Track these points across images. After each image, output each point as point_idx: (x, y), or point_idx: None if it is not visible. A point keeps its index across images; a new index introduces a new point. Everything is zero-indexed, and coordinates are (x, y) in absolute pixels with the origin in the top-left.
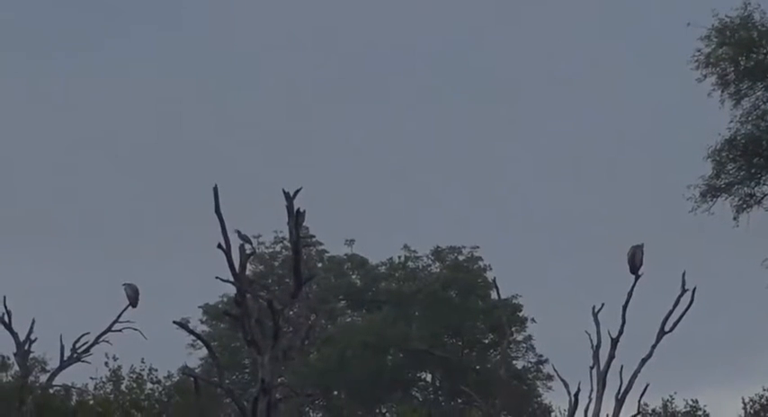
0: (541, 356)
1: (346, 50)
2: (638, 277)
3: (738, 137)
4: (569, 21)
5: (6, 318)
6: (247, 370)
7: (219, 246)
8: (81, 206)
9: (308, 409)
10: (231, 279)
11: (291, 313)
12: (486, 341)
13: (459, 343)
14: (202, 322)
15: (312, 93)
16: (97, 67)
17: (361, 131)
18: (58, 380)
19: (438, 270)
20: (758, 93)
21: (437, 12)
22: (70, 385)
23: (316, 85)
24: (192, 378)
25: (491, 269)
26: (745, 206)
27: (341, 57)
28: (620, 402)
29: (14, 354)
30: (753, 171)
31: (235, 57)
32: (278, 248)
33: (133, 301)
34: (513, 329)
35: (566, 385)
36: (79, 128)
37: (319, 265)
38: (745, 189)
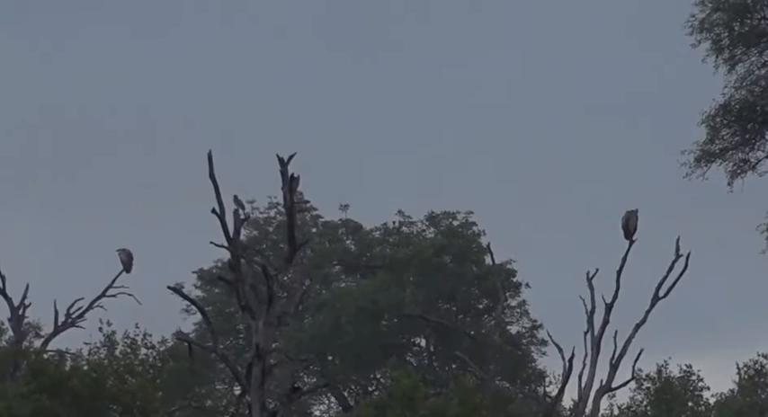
0: (536, 321)
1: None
2: (632, 242)
3: (732, 103)
4: None
5: (0, 283)
6: (242, 335)
7: (214, 211)
8: (74, 170)
9: (302, 374)
10: (225, 244)
11: (286, 278)
12: (481, 307)
13: (454, 309)
14: (196, 287)
15: (307, 56)
16: (99, 23)
17: (354, 95)
18: (52, 345)
19: (432, 235)
20: (752, 59)
21: None
22: (64, 350)
23: (310, 48)
24: (186, 343)
25: (485, 234)
26: (739, 171)
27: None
28: (614, 367)
29: (8, 319)
30: (747, 136)
31: (233, 22)
32: (272, 213)
33: (127, 266)
34: (508, 294)
35: (560, 350)
36: (73, 88)
37: (313, 230)
38: (740, 154)
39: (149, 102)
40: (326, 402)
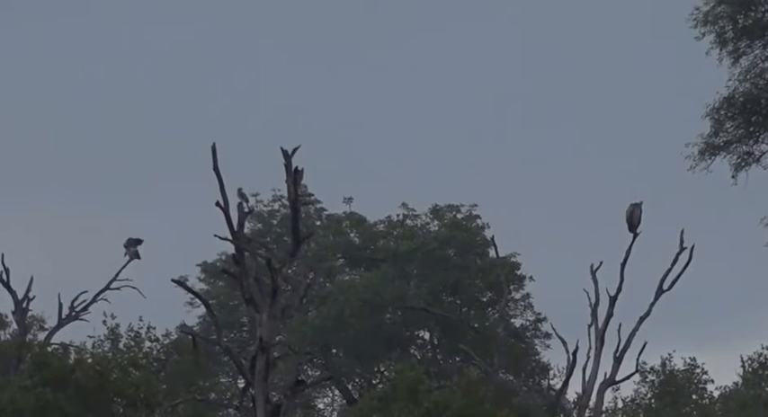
0: (540, 314)
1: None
2: (636, 235)
3: (737, 96)
4: None
5: (4, 276)
6: (246, 329)
7: (218, 204)
8: (79, 162)
9: (306, 367)
10: (230, 237)
11: (290, 271)
12: (485, 300)
13: (458, 301)
14: (201, 280)
15: (313, 48)
16: (95, 14)
17: (358, 86)
18: (56, 338)
19: (436, 228)
20: (756, 52)
21: None
22: (68, 343)
23: (314, 40)
24: (190, 336)
25: (489, 227)
26: (743, 164)
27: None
28: (618, 360)
29: (12, 312)
30: (751, 129)
31: (236, 13)
32: (276, 206)
33: (134, 255)
34: (512, 287)
35: (564, 343)
36: (79, 80)
37: (317, 223)
38: (744, 147)
39: (152, 94)
40: (330, 395)
